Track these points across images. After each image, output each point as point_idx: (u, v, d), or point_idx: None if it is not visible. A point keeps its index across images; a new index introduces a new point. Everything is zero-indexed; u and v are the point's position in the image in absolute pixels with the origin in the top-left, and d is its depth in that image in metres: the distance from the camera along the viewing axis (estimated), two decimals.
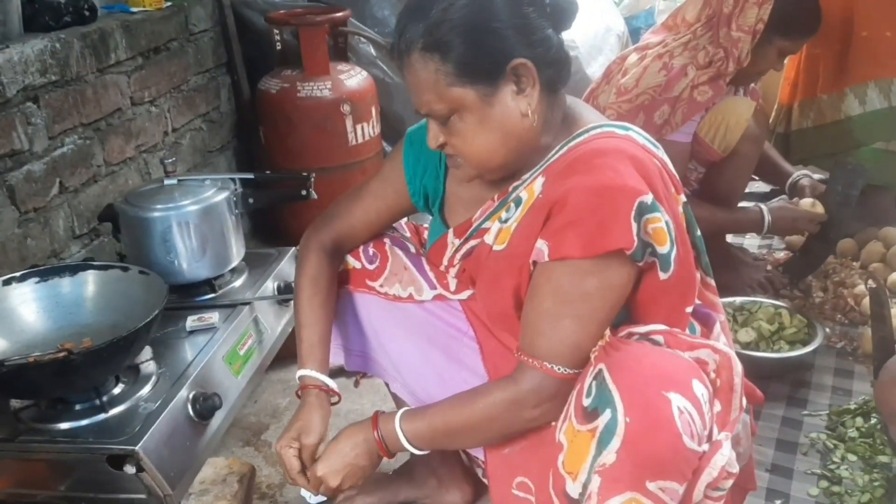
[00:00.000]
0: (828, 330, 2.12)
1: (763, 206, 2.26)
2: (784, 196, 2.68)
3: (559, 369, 1.16)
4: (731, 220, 2.31)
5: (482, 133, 1.20)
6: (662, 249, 1.16)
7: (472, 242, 1.36)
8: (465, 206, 1.38)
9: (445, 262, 1.42)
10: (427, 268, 1.47)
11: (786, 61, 2.49)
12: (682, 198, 1.26)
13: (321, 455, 1.34)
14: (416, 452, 1.30)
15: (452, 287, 1.44)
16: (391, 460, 1.36)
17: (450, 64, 1.15)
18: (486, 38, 1.15)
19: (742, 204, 2.71)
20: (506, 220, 1.27)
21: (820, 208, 2.28)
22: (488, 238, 1.30)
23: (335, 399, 1.42)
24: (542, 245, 1.17)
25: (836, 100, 2.48)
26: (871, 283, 1.75)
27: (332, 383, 1.42)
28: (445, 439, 1.29)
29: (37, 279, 1.61)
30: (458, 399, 1.26)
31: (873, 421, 1.77)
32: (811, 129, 2.58)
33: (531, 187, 1.24)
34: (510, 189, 1.29)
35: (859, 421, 1.79)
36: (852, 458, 1.69)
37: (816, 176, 2.56)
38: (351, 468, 1.31)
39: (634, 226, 1.11)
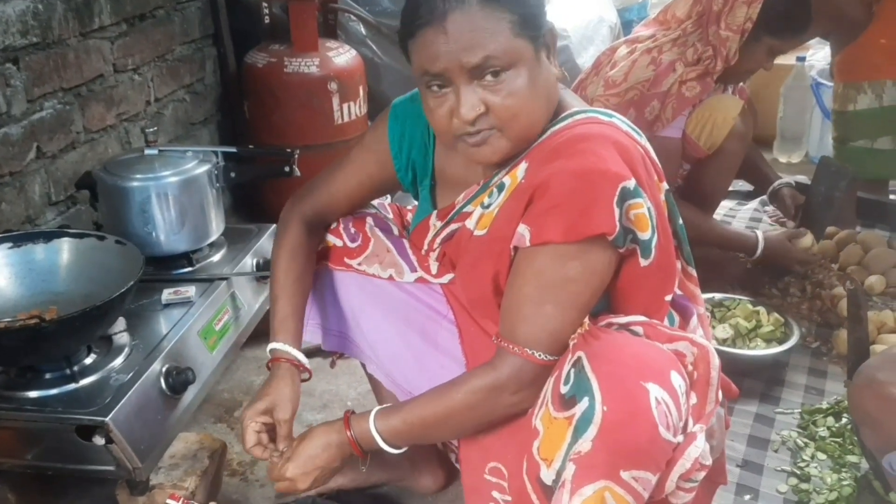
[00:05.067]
0: (803, 330, 2.13)
1: (760, 236, 2.26)
2: (764, 198, 2.70)
3: (539, 355, 1.16)
4: (725, 237, 2.30)
5: (533, 94, 1.16)
6: (644, 236, 1.16)
7: (454, 226, 1.34)
8: (451, 187, 1.36)
9: (426, 245, 1.41)
10: (409, 251, 1.46)
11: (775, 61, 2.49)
12: (665, 186, 1.25)
13: (290, 455, 1.29)
14: (392, 451, 1.26)
15: (434, 270, 1.44)
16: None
17: (516, 14, 1.13)
18: None
19: (724, 203, 2.73)
20: (488, 206, 1.26)
21: (815, 247, 2.28)
22: (469, 223, 1.29)
23: (305, 375, 1.40)
24: (523, 230, 1.16)
25: None
26: (849, 284, 1.77)
27: (303, 358, 1.39)
28: (423, 433, 1.26)
29: (10, 244, 1.58)
30: (434, 391, 1.24)
31: (844, 421, 1.79)
32: None
33: (514, 172, 1.23)
34: (493, 173, 1.27)
35: (830, 420, 1.81)
36: (822, 456, 1.71)
37: (799, 178, 2.58)
38: (322, 471, 1.28)
39: (617, 211, 1.11)
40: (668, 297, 1.24)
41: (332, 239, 1.48)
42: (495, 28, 1.12)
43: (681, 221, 1.30)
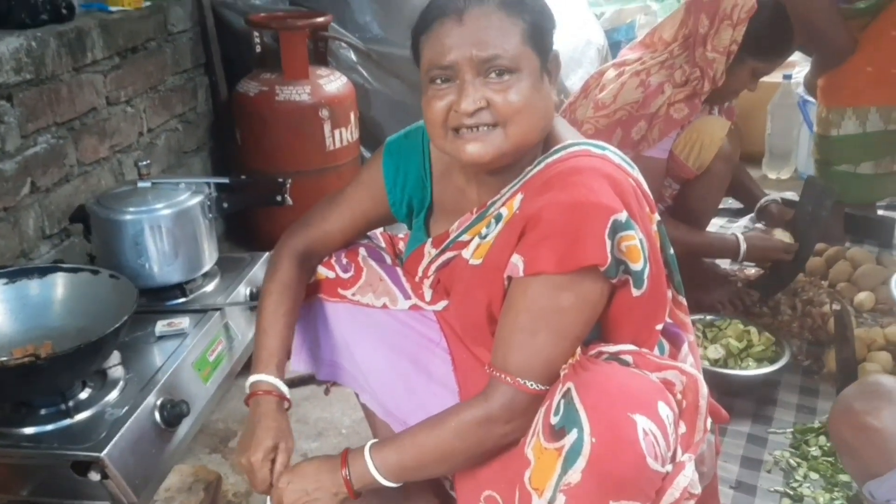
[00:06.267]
0: (794, 348, 2.15)
1: (740, 236, 2.29)
2: (752, 216, 2.73)
3: (531, 385, 1.17)
4: (707, 244, 2.33)
5: (534, 101, 1.19)
6: (636, 266, 1.18)
7: (449, 254, 1.36)
8: (446, 216, 1.38)
9: (420, 272, 1.43)
10: (403, 278, 1.47)
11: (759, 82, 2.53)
12: (657, 217, 1.28)
13: (286, 472, 1.30)
14: (389, 484, 1.26)
15: (428, 297, 1.45)
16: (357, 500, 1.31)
17: (529, 24, 1.18)
18: (549, 22, 1.23)
19: (715, 220, 2.75)
20: (485, 236, 1.28)
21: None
22: (466, 252, 1.31)
23: (287, 406, 1.39)
24: (517, 260, 1.18)
25: None
26: (835, 305, 1.79)
27: (288, 392, 1.38)
28: (417, 465, 1.25)
29: (5, 280, 1.59)
30: (427, 422, 1.25)
31: None
32: None
33: (510, 203, 1.25)
34: (488, 203, 1.29)
35: (822, 440, 1.82)
36: (814, 476, 1.72)
37: (788, 194, 2.60)
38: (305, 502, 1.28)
39: (608, 243, 1.12)
40: (659, 327, 1.26)
41: (324, 272, 1.49)
42: (509, 31, 1.17)
43: (672, 251, 1.32)
